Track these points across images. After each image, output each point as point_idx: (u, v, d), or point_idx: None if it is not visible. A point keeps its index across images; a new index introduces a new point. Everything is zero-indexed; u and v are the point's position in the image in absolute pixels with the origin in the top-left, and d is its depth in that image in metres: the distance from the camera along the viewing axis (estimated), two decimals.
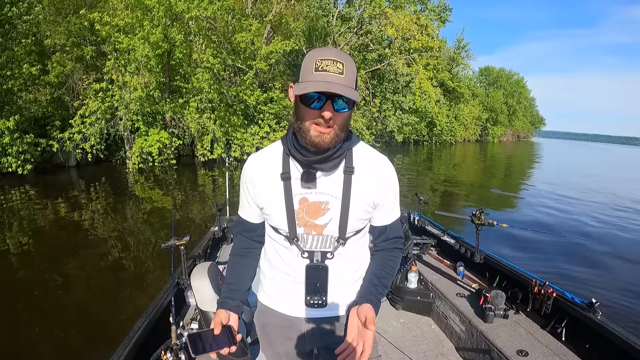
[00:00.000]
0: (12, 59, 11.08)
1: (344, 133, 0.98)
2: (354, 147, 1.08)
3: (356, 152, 1.07)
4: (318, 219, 1.05)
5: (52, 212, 7.52)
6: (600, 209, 9.39)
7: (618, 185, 15.27)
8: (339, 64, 0.90)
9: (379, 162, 1.09)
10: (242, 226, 1.23)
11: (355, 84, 0.94)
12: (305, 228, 1.07)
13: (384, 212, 1.11)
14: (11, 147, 10.45)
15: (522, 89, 61.85)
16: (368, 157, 1.08)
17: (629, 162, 36.99)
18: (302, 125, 0.95)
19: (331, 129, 0.94)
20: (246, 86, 14.69)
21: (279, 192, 1.05)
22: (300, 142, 1.00)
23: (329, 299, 1.11)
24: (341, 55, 0.92)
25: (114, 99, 12.06)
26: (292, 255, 1.11)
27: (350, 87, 0.91)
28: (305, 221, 1.06)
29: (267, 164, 1.09)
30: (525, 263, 4.91)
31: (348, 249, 1.10)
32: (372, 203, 1.07)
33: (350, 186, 1.04)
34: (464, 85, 37.50)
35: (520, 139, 71.28)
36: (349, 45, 21.50)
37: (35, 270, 4.85)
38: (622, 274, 5.25)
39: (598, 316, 2.00)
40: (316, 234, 1.07)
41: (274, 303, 1.21)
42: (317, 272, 1.08)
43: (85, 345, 3.25)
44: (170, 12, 11.82)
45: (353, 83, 0.92)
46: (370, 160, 1.08)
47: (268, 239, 1.19)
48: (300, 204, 1.05)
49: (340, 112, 0.93)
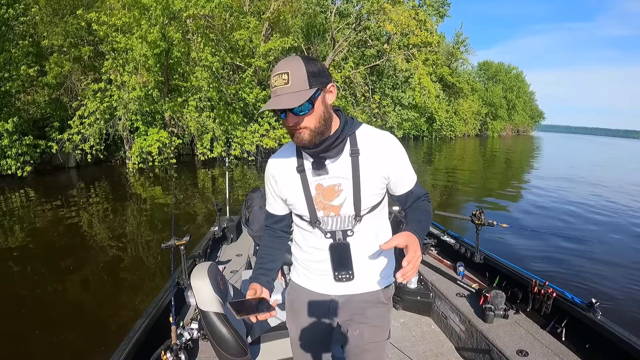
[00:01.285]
0: (9, 61, 11.06)
1: (322, 125, 1.08)
2: (356, 130, 1.18)
3: (359, 135, 1.18)
4: (334, 200, 1.18)
5: (52, 213, 7.52)
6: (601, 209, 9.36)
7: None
8: (284, 74, 1.01)
9: (381, 138, 1.18)
10: (271, 219, 1.37)
11: (307, 82, 1.01)
12: (324, 211, 1.20)
13: (401, 182, 1.23)
14: (10, 149, 10.45)
15: (521, 83, 61.74)
16: (371, 137, 1.18)
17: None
18: (288, 131, 1.11)
19: (304, 129, 1.07)
20: (245, 84, 14.66)
21: (297, 183, 1.20)
22: None
23: (355, 274, 1.23)
24: (288, 63, 1.02)
25: (113, 99, 12.03)
26: (316, 238, 1.24)
27: (298, 90, 1.00)
28: (323, 204, 1.19)
29: (284, 161, 1.24)
30: (525, 263, 4.90)
31: (365, 225, 1.21)
32: (382, 177, 1.18)
33: (358, 166, 1.15)
34: (463, 80, 37.45)
35: (520, 134, 71.22)
36: (348, 41, 21.41)
37: (36, 271, 4.86)
38: (622, 274, 5.23)
39: (598, 316, 2.00)
40: (335, 215, 1.20)
41: (303, 281, 1.35)
42: (340, 249, 1.21)
43: (85, 346, 3.26)
44: (167, 11, 11.77)
45: (302, 84, 1.01)
46: (373, 139, 1.18)
47: (295, 227, 1.34)
48: (316, 190, 1.19)
49: (300, 115, 1.04)
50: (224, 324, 1.53)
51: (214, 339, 1.54)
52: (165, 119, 13.61)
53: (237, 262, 3.39)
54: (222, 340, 1.53)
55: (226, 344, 1.53)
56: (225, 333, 1.52)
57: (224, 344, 1.53)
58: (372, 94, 22.95)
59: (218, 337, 1.53)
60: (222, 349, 1.54)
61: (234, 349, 1.53)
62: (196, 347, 2.22)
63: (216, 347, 1.55)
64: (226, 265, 3.31)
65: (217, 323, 1.53)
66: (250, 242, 3.57)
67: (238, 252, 3.62)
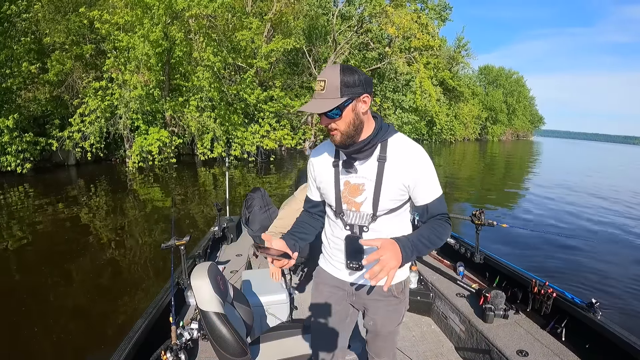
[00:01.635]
0: (11, 57, 11.07)
1: (352, 130, 1.22)
2: (389, 138, 1.30)
3: (391, 143, 1.30)
4: (356, 198, 1.32)
5: (52, 211, 7.51)
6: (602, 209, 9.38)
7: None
8: (322, 82, 1.16)
9: (409, 150, 1.29)
10: (308, 204, 1.54)
11: (339, 91, 1.16)
12: (347, 205, 1.34)
13: (421, 193, 1.30)
14: (10, 146, 10.45)
15: (521, 87, 61.82)
16: (400, 147, 1.29)
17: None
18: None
19: (335, 131, 1.23)
20: (246, 85, 14.67)
21: (330, 176, 1.37)
22: None
23: (367, 267, 1.32)
24: (327, 71, 1.17)
25: (114, 97, 12.00)
26: (338, 228, 1.40)
27: (329, 97, 1.16)
28: (347, 199, 1.34)
29: (324, 154, 1.40)
30: (525, 263, 4.91)
31: (380, 225, 1.34)
32: (402, 186, 1.28)
33: (383, 172, 1.28)
34: (463, 84, 37.49)
35: (520, 138, 71.24)
36: (349, 44, 21.44)
37: (35, 269, 4.84)
38: (622, 274, 5.24)
39: (598, 316, 2.00)
40: (355, 211, 1.34)
41: (327, 267, 1.50)
42: (352, 241, 1.34)
43: (86, 345, 3.25)
44: (170, 10, 11.78)
45: (334, 92, 1.16)
46: (401, 149, 1.29)
47: (326, 217, 1.50)
48: (344, 185, 1.34)
49: (332, 118, 1.20)
50: (224, 324, 1.54)
51: (214, 339, 1.54)
52: (166, 119, 13.60)
53: (237, 262, 3.38)
54: (222, 340, 1.53)
55: (226, 344, 1.53)
56: (225, 333, 1.52)
57: (224, 344, 1.53)
58: (373, 96, 22.93)
59: (218, 337, 1.53)
60: (222, 349, 1.54)
61: (234, 349, 1.53)
62: (196, 347, 2.22)
63: (216, 347, 1.55)
64: (226, 265, 3.30)
65: (217, 323, 1.53)
66: (250, 242, 3.57)
67: (238, 252, 3.62)
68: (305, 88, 21.95)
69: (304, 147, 20.08)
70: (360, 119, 1.22)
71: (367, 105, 1.22)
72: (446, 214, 1.34)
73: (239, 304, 1.86)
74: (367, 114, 1.24)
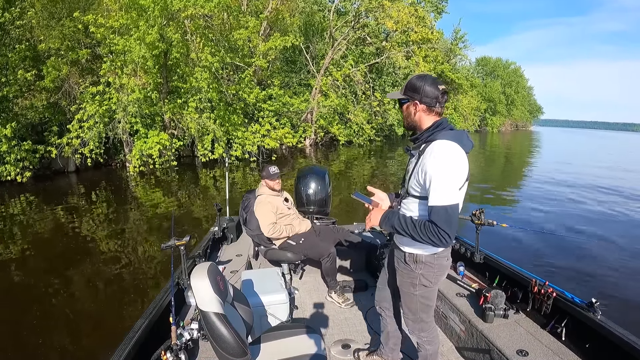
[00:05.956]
0: (6, 65, 11.03)
1: (407, 121, 1.67)
2: (436, 140, 1.50)
3: (433, 144, 1.50)
4: (406, 177, 1.69)
5: (53, 218, 7.51)
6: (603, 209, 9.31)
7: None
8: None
9: (432, 153, 1.48)
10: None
11: (404, 90, 1.64)
12: (404, 182, 1.72)
13: (428, 194, 1.49)
14: (9, 155, 10.39)
15: (519, 78, 61.72)
16: (432, 148, 1.49)
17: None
18: None
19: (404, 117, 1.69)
20: (245, 84, 14.61)
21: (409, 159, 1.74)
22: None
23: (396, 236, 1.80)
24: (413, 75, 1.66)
25: (112, 101, 11.98)
26: (399, 197, 1.82)
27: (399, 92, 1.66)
28: (405, 177, 1.72)
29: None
30: (525, 263, 4.89)
31: (408, 203, 1.67)
32: (420, 179, 1.54)
33: (416, 165, 1.57)
34: (462, 76, 37.37)
35: (519, 129, 71.18)
36: (347, 39, 21.36)
37: (36, 274, 4.85)
38: (623, 273, 5.21)
39: (598, 316, 1.99)
40: (403, 186, 1.73)
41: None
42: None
43: (86, 346, 3.27)
44: (166, 12, 11.72)
45: (402, 90, 1.65)
46: (431, 150, 1.49)
47: None
48: (407, 167, 1.71)
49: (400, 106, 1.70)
50: (224, 324, 1.53)
51: (214, 339, 1.53)
52: (165, 121, 13.57)
53: (237, 262, 3.37)
54: (222, 340, 1.52)
55: (226, 344, 1.52)
56: (225, 333, 1.51)
57: (224, 344, 1.52)
58: (372, 92, 22.89)
59: (218, 337, 1.52)
60: (222, 349, 1.53)
61: (233, 349, 1.52)
62: (196, 347, 2.21)
63: (216, 347, 1.54)
64: (226, 265, 3.29)
65: (217, 323, 1.52)
66: (250, 242, 3.55)
67: (238, 252, 3.61)
68: (304, 86, 21.90)
69: (304, 144, 20.06)
70: (411, 114, 1.62)
71: (413, 107, 1.60)
72: (437, 225, 1.43)
73: (239, 304, 1.86)
74: (417, 115, 1.61)
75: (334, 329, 2.74)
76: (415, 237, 1.49)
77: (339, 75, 20.28)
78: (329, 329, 2.74)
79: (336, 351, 2.45)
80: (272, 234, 3.11)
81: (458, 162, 1.47)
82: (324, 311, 3.00)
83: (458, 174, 1.47)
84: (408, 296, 1.79)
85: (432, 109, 1.57)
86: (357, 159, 18.48)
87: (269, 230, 3.10)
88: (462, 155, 1.50)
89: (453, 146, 1.47)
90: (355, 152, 20.79)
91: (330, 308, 3.04)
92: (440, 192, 1.43)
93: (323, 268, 3.11)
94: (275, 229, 3.11)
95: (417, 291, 1.74)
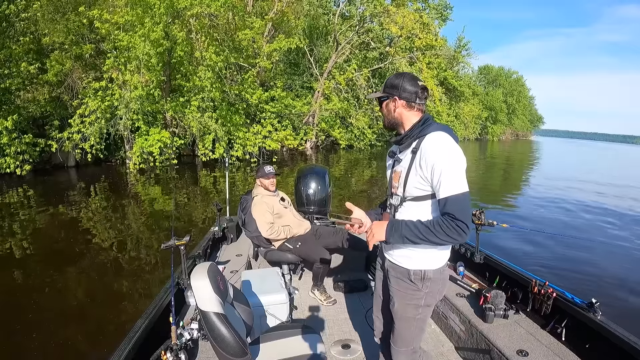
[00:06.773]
0: (10, 58, 11.04)
1: (386, 119, 1.58)
2: (428, 134, 1.43)
3: (427, 138, 1.43)
4: (396, 183, 1.57)
5: (51, 213, 7.49)
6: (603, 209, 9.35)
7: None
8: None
9: (432, 145, 1.40)
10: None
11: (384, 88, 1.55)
12: (393, 189, 1.59)
13: (437, 187, 1.39)
14: (9, 148, 10.40)
15: (521, 87, 61.84)
16: (429, 141, 1.42)
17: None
18: None
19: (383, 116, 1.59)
20: (248, 84, 14.62)
21: (390, 163, 1.67)
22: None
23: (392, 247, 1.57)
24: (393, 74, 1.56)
25: (114, 97, 11.97)
26: (391, 208, 1.62)
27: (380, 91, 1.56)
28: (392, 183, 1.61)
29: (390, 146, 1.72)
30: (525, 263, 4.89)
31: (406, 208, 1.52)
32: (424, 176, 1.42)
33: (412, 162, 1.46)
34: (464, 84, 37.46)
35: (519, 138, 71.26)
36: (351, 44, 21.41)
37: (35, 271, 4.83)
38: (623, 274, 5.23)
39: (598, 316, 1.99)
40: (394, 194, 1.58)
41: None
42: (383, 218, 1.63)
43: (86, 346, 3.25)
44: (171, 10, 11.74)
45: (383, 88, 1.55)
46: (429, 143, 1.41)
47: None
48: (393, 171, 1.61)
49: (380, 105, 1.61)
50: (223, 324, 1.53)
51: (214, 339, 1.53)
52: (167, 119, 13.57)
53: (237, 262, 3.37)
54: (222, 340, 1.52)
55: (226, 344, 1.52)
56: (225, 333, 1.52)
57: (224, 344, 1.52)
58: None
59: (218, 337, 1.52)
60: (222, 349, 1.53)
61: (233, 349, 1.52)
62: (196, 347, 2.21)
63: (216, 347, 1.54)
64: (226, 265, 3.29)
65: (217, 323, 1.52)
66: (250, 242, 3.55)
67: (238, 252, 3.60)
68: (306, 88, 21.92)
69: (305, 147, 20.07)
70: (391, 112, 1.54)
71: (393, 104, 1.52)
72: (454, 215, 1.34)
73: (238, 304, 1.86)
74: (397, 111, 1.52)
75: (334, 329, 2.75)
76: (432, 239, 1.36)
77: (342, 79, 20.31)
78: (329, 329, 2.75)
79: (336, 351, 2.45)
80: (270, 235, 3.11)
81: (460, 150, 1.43)
82: (324, 311, 3.00)
83: (463, 161, 1.42)
84: (406, 322, 1.59)
85: (411, 104, 1.50)
86: (357, 163, 18.49)
87: (267, 230, 3.10)
88: (458, 145, 1.46)
89: (450, 136, 1.44)
90: (355, 156, 20.80)
91: (330, 308, 3.04)
92: (452, 180, 1.35)
93: (314, 269, 3.13)
94: (273, 229, 3.11)
95: (419, 314, 1.57)
